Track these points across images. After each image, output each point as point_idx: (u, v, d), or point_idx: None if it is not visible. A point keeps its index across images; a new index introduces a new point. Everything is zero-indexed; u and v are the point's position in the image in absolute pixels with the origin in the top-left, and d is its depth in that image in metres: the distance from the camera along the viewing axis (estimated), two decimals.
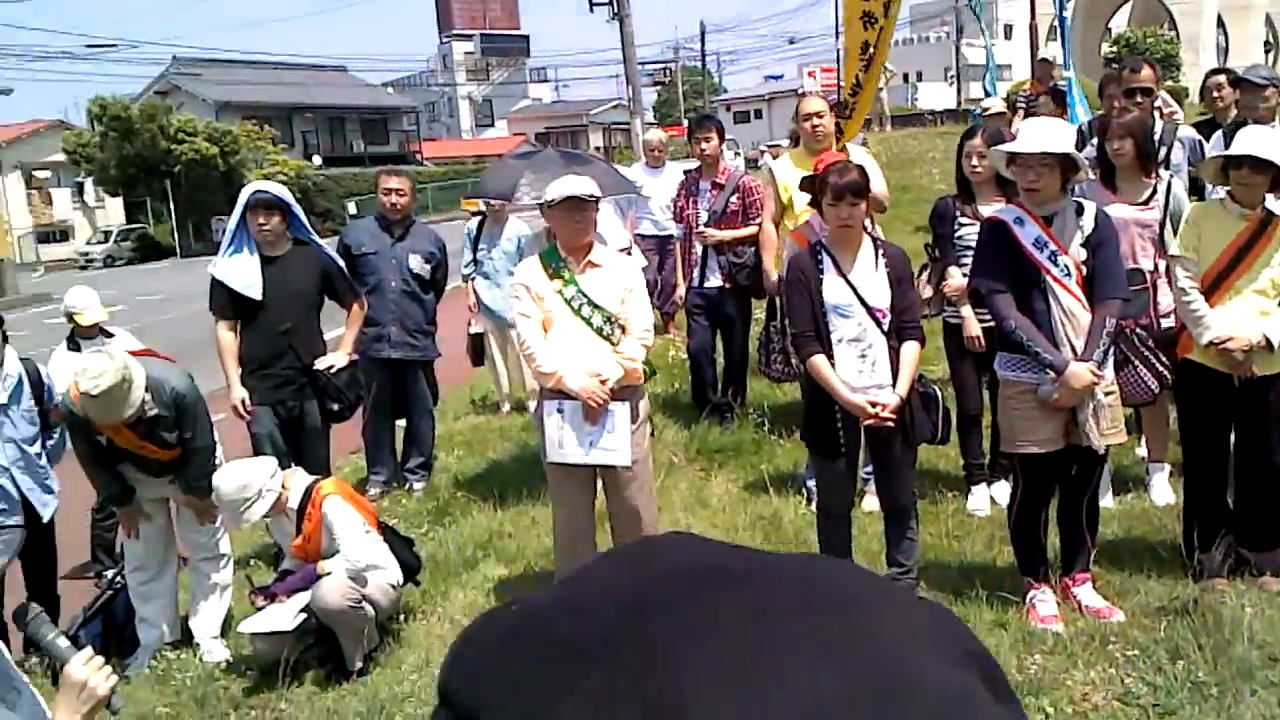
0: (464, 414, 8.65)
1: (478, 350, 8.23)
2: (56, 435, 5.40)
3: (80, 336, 6.22)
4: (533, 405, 7.78)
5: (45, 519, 5.18)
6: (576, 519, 4.61)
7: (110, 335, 6.27)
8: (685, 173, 7.60)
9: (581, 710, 0.48)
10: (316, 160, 45.77)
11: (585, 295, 4.49)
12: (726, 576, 0.54)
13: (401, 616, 4.79)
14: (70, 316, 6.20)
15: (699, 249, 6.86)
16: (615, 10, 26.76)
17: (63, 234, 45.82)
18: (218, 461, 4.86)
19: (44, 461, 5.29)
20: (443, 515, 6.14)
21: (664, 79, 63.75)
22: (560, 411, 4.43)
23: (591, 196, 4.51)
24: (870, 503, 5.31)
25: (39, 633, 2.17)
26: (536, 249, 5.36)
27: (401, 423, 6.88)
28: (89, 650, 2.15)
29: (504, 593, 4.94)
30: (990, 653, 0.55)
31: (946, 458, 5.79)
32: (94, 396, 4.29)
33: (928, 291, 5.44)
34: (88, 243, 43.25)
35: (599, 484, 4.64)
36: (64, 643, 2.16)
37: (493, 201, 7.48)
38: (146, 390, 4.48)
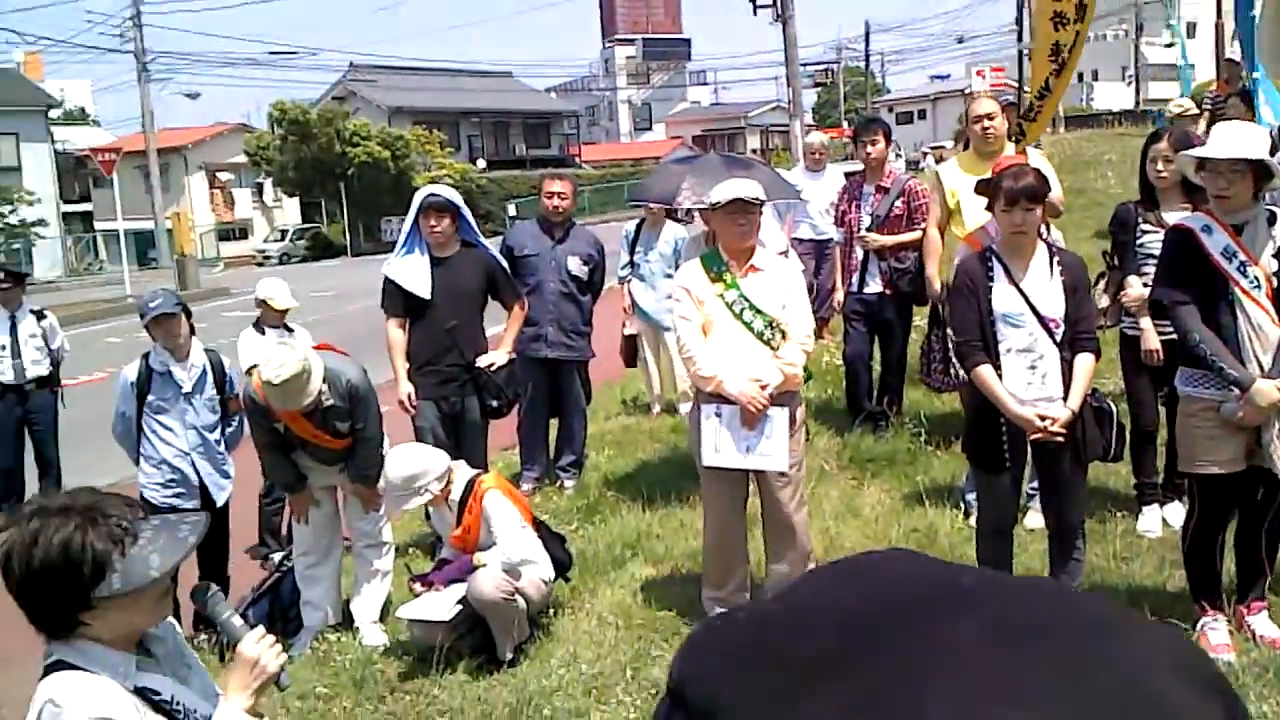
0: (615, 414, 8.72)
1: (631, 352, 8.28)
2: (235, 423, 5.69)
3: (266, 323, 6.58)
4: (684, 408, 7.81)
5: (219, 503, 5.47)
6: (727, 523, 4.58)
7: (291, 330, 6.61)
8: (847, 176, 7.46)
9: (820, 716, 0.46)
10: (480, 163, 47.06)
11: (746, 299, 4.46)
12: (961, 595, 0.51)
13: (551, 611, 4.85)
14: (263, 303, 6.58)
15: (859, 254, 6.73)
16: (779, 12, 26.55)
17: (242, 232, 48.37)
18: (384, 452, 5.04)
19: (222, 448, 5.59)
20: (592, 513, 6.20)
21: (825, 80, 62.88)
22: (718, 415, 4.41)
23: (757, 200, 4.49)
24: (1033, 520, 5.10)
25: (215, 610, 2.27)
26: (695, 252, 5.35)
27: (555, 421, 6.99)
28: (261, 629, 2.24)
29: (651, 593, 4.96)
30: (1230, 683, 0.51)
31: (1117, 475, 5.51)
32: (276, 385, 4.53)
33: (1104, 301, 5.18)
34: (265, 241, 45.57)
35: (751, 489, 4.61)
36: (238, 621, 2.25)
37: (651, 205, 7.52)
38: (324, 381, 4.72)
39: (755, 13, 27.54)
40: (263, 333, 6.53)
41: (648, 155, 54.48)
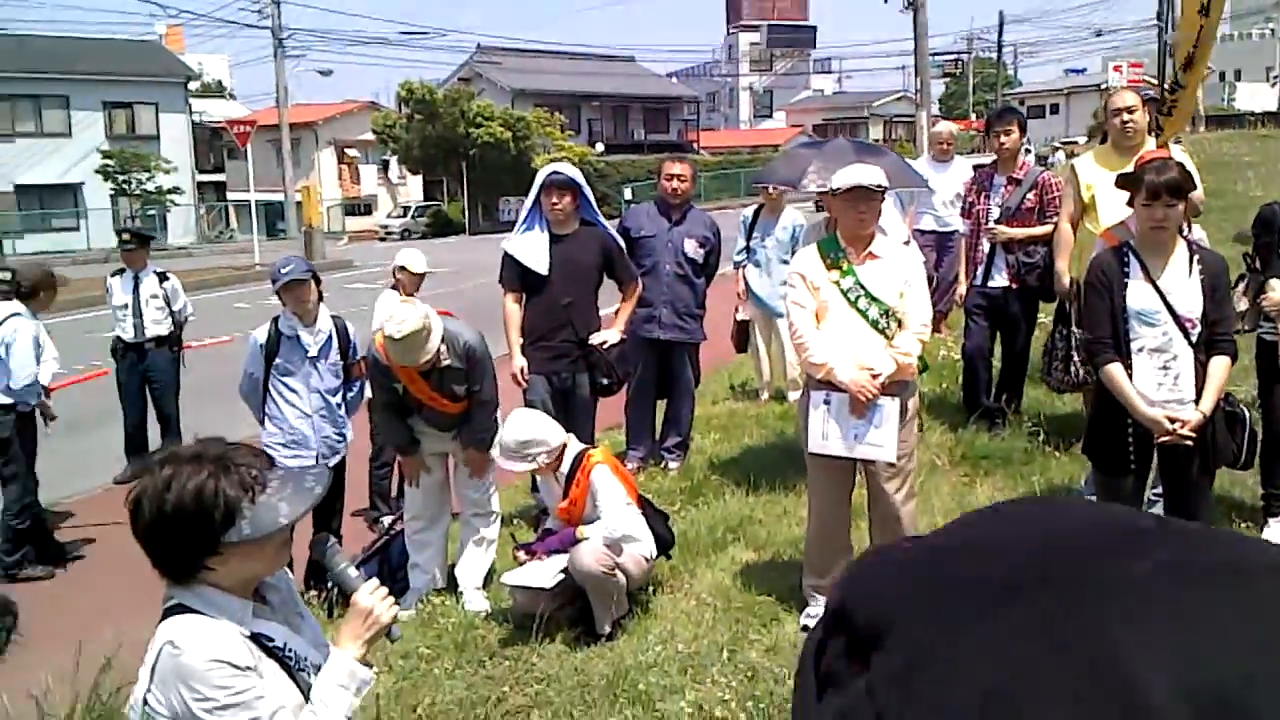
0: (723, 399, 8.69)
1: (742, 337, 8.24)
2: (356, 389, 5.85)
3: (403, 290, 6.71)
4: (792, 396, 7.74)
5: (332, 464, 5.63)
6: (831, 512, 4.53)
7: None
8: (976, 167, 7.27)
9: (994, 633, 0.45)
10: (599, 147, 47.36)
11: (863, 287, 4.39)
12: (1139, 534, 0.49)
13: (651, 588, 4.87)
14: (401, 269, 6.74)
15: (985, 246, 6.55)
16: (910, 0, 26.03)
17: (366, 208, 49.70)
18: (498, 419, 5.13)
19: (342, 412, 5.75)
20: (696, 495, 6.20)
21: (954, 71, 61.38)
22: (827, 404, 4.36)
23: (879, 187, 4.40)
24: None
25: (332, 562, 2.33)
26: (814, 238, 5.28)
27: (662, 402, 7.01)
28: (375, 581, 2.29)
29: (750, 577, 4.93)
30: None
31: (1243, 485, 5.27)
32: (397, 340, 4.68)
33: (1243, 305, 4.95)
34: (388, 216, 46.71)
35: (858, 479, 4.54)
36: (353, 572, 2.31)
37: (771, 189, 7.45)
38: (443, 341, 4.83)
39: (885, 0, 27.08)
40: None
41: (767, 143, 54.02)
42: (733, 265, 8.16)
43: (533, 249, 5.88)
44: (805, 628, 4.41)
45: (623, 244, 6.25)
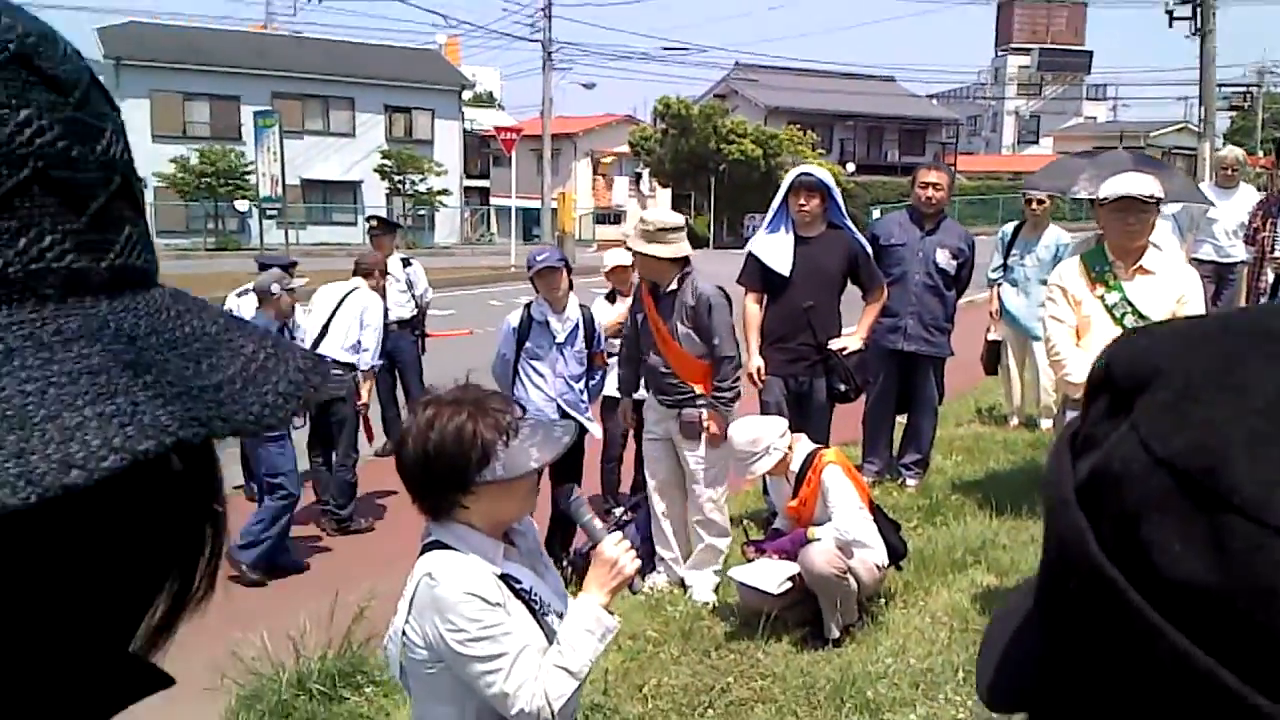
0: (967, 421, 8.38)
1: (993, 358, 7.91)
2: (598, 378, 6.03)
3: (620, 293, 6.79)
4: (1045, 423, 7.37)
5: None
6: None
7: None
8: (1264, 191, 6.69)
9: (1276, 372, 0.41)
10: (850, 167, 46.76)
11: (1130, 303, 4.14)
12: None
13: (882, 600, 4.75)
14: (610, 271, 6.74)
15: (1270, 275, 6.03)
16: (1197, 26, 24.28)
17: (616, 218, 51.03)
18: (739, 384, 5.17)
19: (585, 398, 5.93)
20: (934, 514, 6.00)
21: (1242, 104, 56.72)
22: None
23: (1151, 198, 4.14)
24: None
25: (579, 512, 2.41)
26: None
27: (901, 419, 6.82)
28: (620, 534, 2.35)
29: (991, 602, 4.72)
30: None
31: None
32: (648, 220, 4.99)
33: None
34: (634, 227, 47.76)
35: None
36: (599, 524, 2.38)
37: (1033, 201, 7.13)
38: (684, 276, 5.05)
39: (1170, 24, 25.41)
40: (613, 301, 6.73)
41: (1029, 170, 51.49)
42: (987, 283, 7.86)
43: (777, 249, 5.86)
44: None
45: (870, 250, 6.14)
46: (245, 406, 0.44)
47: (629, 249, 5.34)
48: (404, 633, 2.14)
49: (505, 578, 2.16)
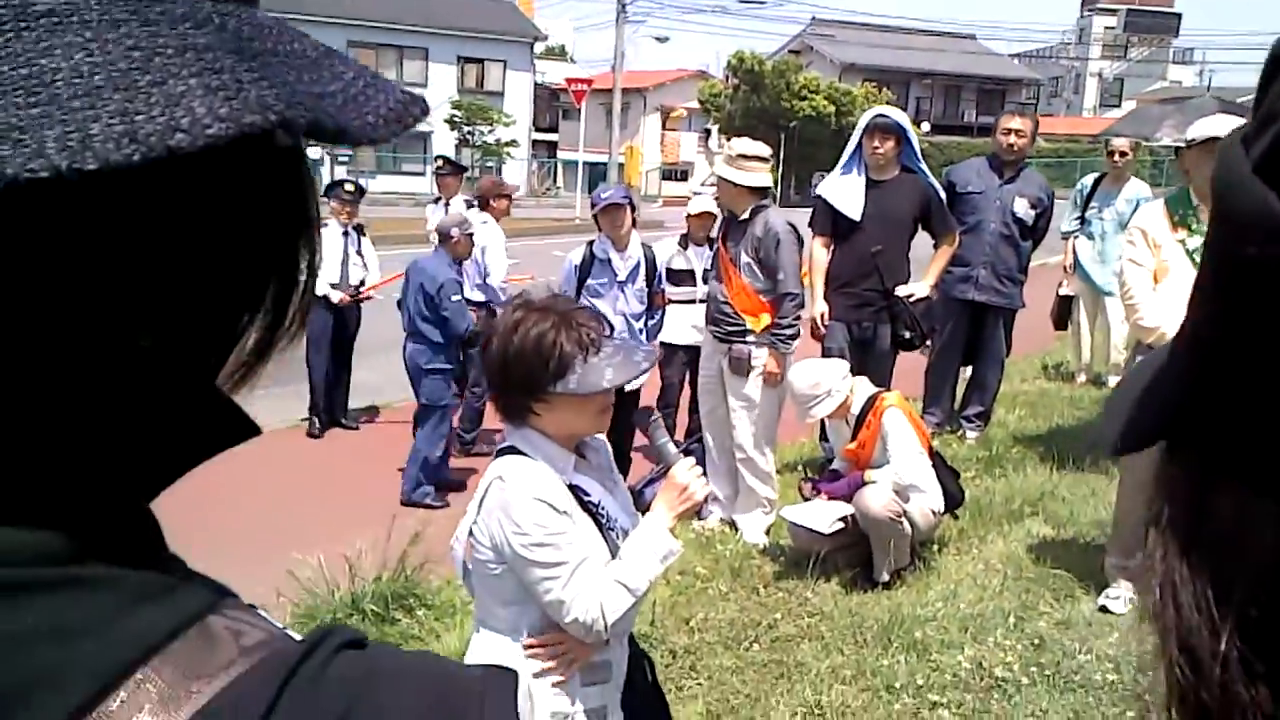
0: (1034, 377, 8.23)
1: (1063, 313, 7.73)
2: (657, 317, 5.99)
3: (692, 239, 6.73)
4: (1113, 381, 7.18)
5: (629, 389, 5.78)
6: (1145, 495, 4.15)
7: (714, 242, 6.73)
8: None
9: None
10: (925, 126, 45.86)
11: None
12: None
13: (935, 546, 4.69)
14: (688, 217, 6.72)
15: None
16: None
17: (682, 174, 50.75)
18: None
19: (643, 337, 5.91)
20: (993, 465, 5.90)
21: None
22: None
23: None
24: None
25: (655, 434, 2.40)
26: None
27: (965, 371, 6.69)
28: (693, 459, 2.33)
29: (1046, 552, 4.64)
30: None
31: None
32: (734, 150, 5.04)
33: None
34: (702, 184, 47.53)
35: None
36: (674, 448, 2.36)
37: (1115, 153, 6.91)
38: (757, 211, 5.06)
39: None
40: (685, 247, 6.67)
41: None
42: (1061, 235, 7.64)
43: (848, 193, 5.75)
44: (1104, 608, 4.10)
45: (944, 196, 5.99)
46: (348, 117, 0.44)
47: (715, 175, 5.30)
48: (471, 532, 2.17)
49: (574, 488, 2.17)
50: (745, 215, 5.05)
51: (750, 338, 5.05)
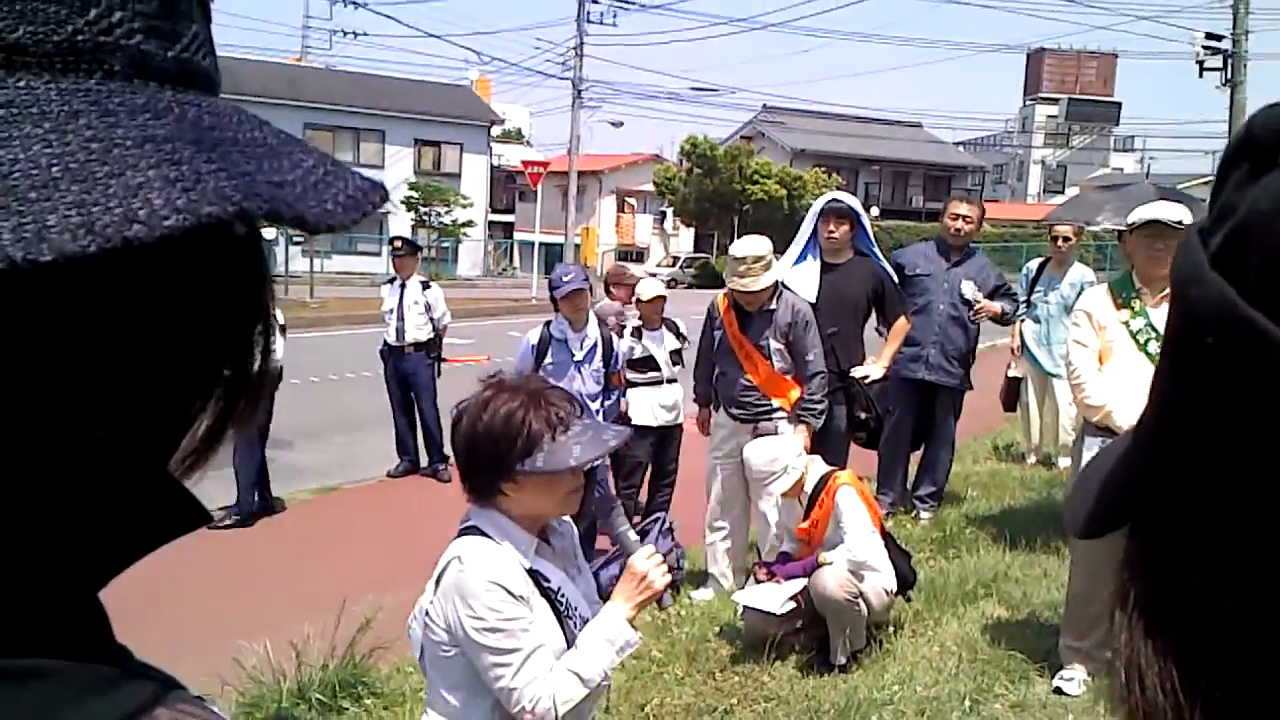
0: (985, 458, 8.31)
1: (1012, 395, 7.84)
2: (614, 398, 5.99)
3: (646, 326, 6.69)
4: (1063, 462, 7.28)
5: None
6: (1100, 570, 4.18)
7: (676, 329, 6.70)
8: None
9: None
10: (874, 211, 46.80)
11: (1154, 329, 4.09)
12: None
13: (891, 628, 4.67)
14: (637, 300, 6.69)
15: None
16: (1227, 77, 24.30)
17: (639, 255, 51.21)
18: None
19: (600, 419, 5.90)
20: (947, 547, 5.92)
21: None
22: None
23: (1179, 224, 4.10)
24: None
25: (613, 523, 2.39)
26: None
27: (917, 454, 6.75)
28: (652, 548, 2.32)
29: (1001, 634, 4.63)
30: None
31: None
32: (739, 254, 5.16)
33: None
34: (657, 265, 47.96)
35: None
36: (633, 535, 2.36)
37: (1059, 238, 7.09)
38: (777, 294, 5.24)
39: (1201, 75, 25.46)
40: (639, 337, 6.66)
41: None
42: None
43: (803, 277, 5.84)
44: (1059, 690, 4.10)
45: (896, 278, 6.11)
46: (307, 205, 0.44)
47: (729, 286, 5.32)
48: (427, 612, 2.14)
49: (534, 573, 2.14)
50: (771, 306, 5.21)
51: (778, 415, 5.24)
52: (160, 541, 0.50)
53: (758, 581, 4.63)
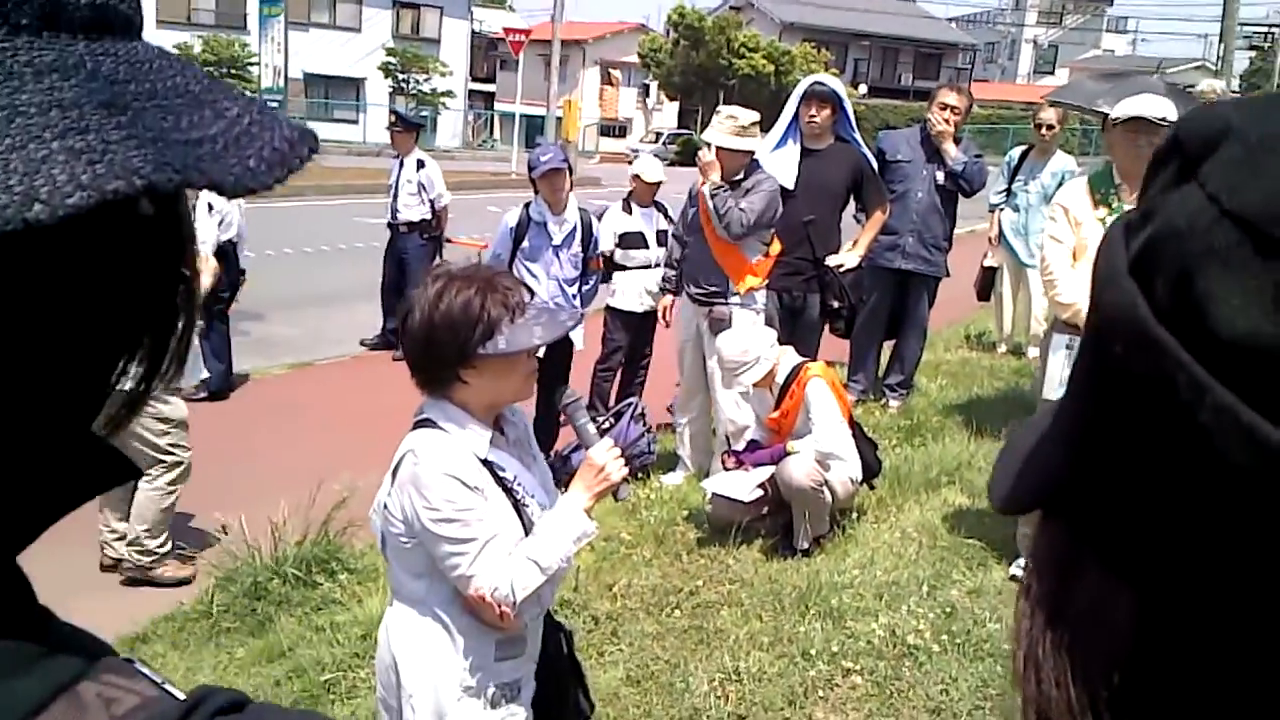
0: (956, 347, 8.38)
1: (987, 284, 7.87)
2: (591, 283, 5.96)
3: (637, 200, 6.69)
4: (1032, 352, 7.35)
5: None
6: None
7: (663, 209, 6.68)
8: None
9: None
10: (862, 89, 46.11)
11: None
12: None
13: (854, 515, 4.78)
14: (636, 177, 6.66)
15: None
16: None
17: (621, 130, 50.40)
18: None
19: (578, 303, 5.89)
20: (913, 435, 6.02)
21: (1263, 45, 55.82)
22: (1068, 348, 4.11)
23: (1163, 120, 4.05)
24: None
25: (575, 414, 2.40)
26: None
27: (889, 343, 6.80)
28: (611, 440, 2.34)
29: (962, 521, 4.76)
30: None
31: None
32: (724, 115, 5.13)
33: None
34: (640, 140, 47.29)
35: None
36: (592, 428, 2.36)
37: (1043, 126, 7.01)
38: (743, 168, 5.13)
39: None
40: (629, 211, 6.67)
41: (1040, 101, 50.90)
42: (988, 208, 7.77)
43: (783, 162, 5.77)
44: (1014, 577, 4.23)
45: (876, 165, 6.04)
46: (225, 166, 0.42)
47: (709, 144, 5.21)
48: (385, 505, 2.17)
49: (489, 463, 2.16)
50: (739, 176, 5.12)
51: (735, 299, 5.16)
52: (82, 499, 0.49)
53: (726, 469, 4.71)
